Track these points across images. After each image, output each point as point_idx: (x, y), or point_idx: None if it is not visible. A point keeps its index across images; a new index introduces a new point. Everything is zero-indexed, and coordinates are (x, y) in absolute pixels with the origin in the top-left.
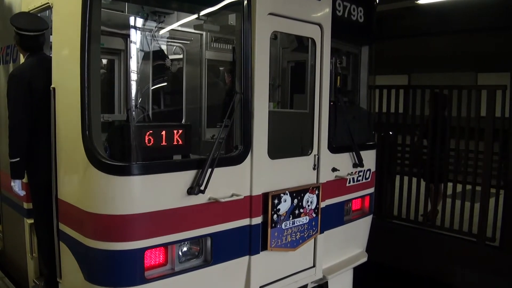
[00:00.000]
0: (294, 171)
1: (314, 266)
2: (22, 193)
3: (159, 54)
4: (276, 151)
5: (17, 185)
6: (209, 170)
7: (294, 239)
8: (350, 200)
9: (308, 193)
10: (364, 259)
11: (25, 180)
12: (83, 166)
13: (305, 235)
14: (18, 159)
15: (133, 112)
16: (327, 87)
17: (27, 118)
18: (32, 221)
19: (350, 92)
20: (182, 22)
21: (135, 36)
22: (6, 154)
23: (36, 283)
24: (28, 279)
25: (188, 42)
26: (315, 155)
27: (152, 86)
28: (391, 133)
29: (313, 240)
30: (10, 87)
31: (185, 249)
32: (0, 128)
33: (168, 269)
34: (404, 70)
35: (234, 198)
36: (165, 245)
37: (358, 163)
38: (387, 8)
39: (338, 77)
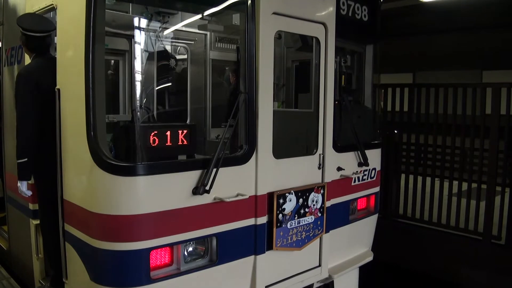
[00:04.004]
0: (299, 171)
1: (319, 265)
2: (29, 193)
3: (163, 55)
4: (281, 150)
5: (24, 186)
6: (214, 170)
7: (300, 238)
8: (355, 199)
9: (313, 193)
10: (370, 258)
11: (31, 181)
12: (88, 166)
13: (311, 235)
14: (26, 159)
15: (138, 113)
16: (331, 86)
17: (35, 118)
18: (37, 221)
19: (355, 91)
20: (186, 22)
21: (140, 37)
22: (11, 155)
23: (42, 283)
24: (34, 280)
25: (193, 42)
26: (320, 155)
27: (157, 86)
28: (396, 131)
29: (318, 239)
30: (18, 87)
31: (190, 249)
32: (6, 131)
33: (174, 269)
34: (409, 68)
35: (239, 198)
36: (171, 245)
37: (363, 162)
38: (391, 6)
39: (343, 76)
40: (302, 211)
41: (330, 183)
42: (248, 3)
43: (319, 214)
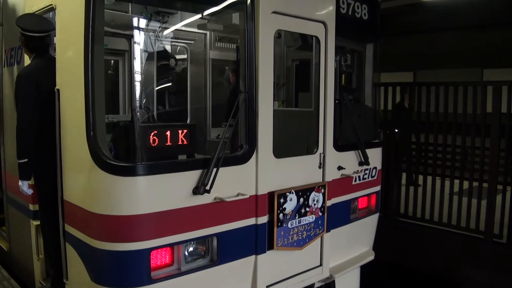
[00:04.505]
0: (300, 170)
1: (320, 265)
2: (29, 192)
3: (163, 54)
4: (282, 150)
5: (25, 186)
6: (214, 169)
7: (301, 238)
8: (356, 199)
9: (314, 192)
10: (371, 258)
11: (31, 181)
12: (88, 167)
13: (312, 234)
14: (26, 160)
15: (138, 113)
16: (332, 85)
17: (35, 118)
18: (38, 222)
19: (355, 90)
20: (186, 22)
21: (139, 37)
22: (12, 156)
23: (42, 284)
24: (34, 280)
25: (192, 42)
26: (320, 154)
27: (157, 86)
28: (396, 130)
29: (319, 239)
30: (18, 87)
31: (191, 249)
32: (5, 131)
33: (175, 269)
34: (409, 67)
35: (240, 197)
36: (171, 245)
37: (364, 161)
38: (391, 5)
39: (343, 75)
40: (303, 210)
41: (331, 182)
42: (248, 2)
43: (320, 214)
